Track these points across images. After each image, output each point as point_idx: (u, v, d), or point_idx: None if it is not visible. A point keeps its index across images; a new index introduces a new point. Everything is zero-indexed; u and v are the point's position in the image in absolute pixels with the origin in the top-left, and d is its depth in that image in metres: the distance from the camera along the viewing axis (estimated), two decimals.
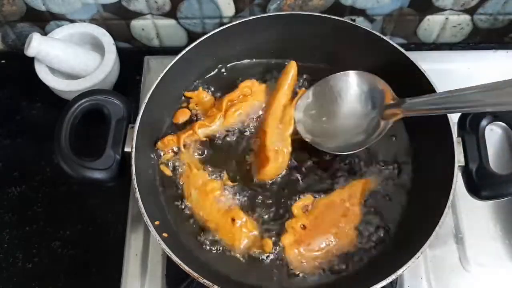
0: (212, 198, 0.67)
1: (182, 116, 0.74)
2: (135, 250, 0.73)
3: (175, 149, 0.71)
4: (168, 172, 0.70)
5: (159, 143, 0.71)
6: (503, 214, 0.75)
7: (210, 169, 0.70)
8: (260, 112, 0.73)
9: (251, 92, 0.74)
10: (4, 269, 0.75)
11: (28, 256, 0.76)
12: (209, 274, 0.59)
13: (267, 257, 0.65)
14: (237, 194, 0.68)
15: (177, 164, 0.70)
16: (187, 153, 0.71)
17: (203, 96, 0.75)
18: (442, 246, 0.73)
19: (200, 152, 0.71)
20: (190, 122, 0.74)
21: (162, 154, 0.71)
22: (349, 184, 0.69)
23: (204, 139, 0.72)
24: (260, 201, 0.68)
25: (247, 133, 0.73)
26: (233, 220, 0.65)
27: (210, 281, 0.57)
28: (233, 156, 0.71)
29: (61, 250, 0.76)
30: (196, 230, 0.66)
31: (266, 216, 0.67)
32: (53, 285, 0.74)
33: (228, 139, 0.72)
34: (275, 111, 0.71)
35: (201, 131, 0.72)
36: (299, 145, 0.71)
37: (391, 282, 0.57)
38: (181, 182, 0.69)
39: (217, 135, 0.72)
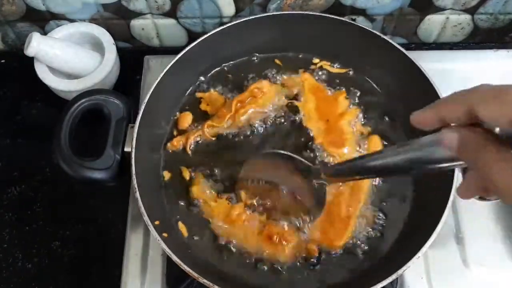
0: (241, 223, 0.66)
1: (186, 120, 0.74)
2: (135, 250, 0.73)
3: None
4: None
5: (168, 144, 0.72)
6: (503, 214, 0.75)
7: (222, 187, 0.69)
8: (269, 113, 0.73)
9: (262, 93, 0.74)
10: (3, 269, 0.75)
11: (28, 256, 0.76)
12: (209, 274, 0.59)
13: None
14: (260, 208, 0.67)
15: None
16: (198, 188, 0.69)
17: (214, 97, 0.75)
18: (443, 246, 0.73)
19: (210, 177, 0.70)
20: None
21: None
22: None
23: (213, 138, 0.72)
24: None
25: (256, 134, 0.72)
26: (269, 237, 0.64)
27: (210, 281, 0.57)
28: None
29: (61, 250, 0.76)
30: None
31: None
32: (53, 285, 0.74)
33: (237, 139, 0.72)
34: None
35: (210, 130, 0.72)
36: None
37: (391, 282, 0.57)
38: (206, 220, 0.67)
39: (225, 134, 0.72)
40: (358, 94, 0.75)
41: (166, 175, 0.71)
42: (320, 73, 0.77)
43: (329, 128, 0.72)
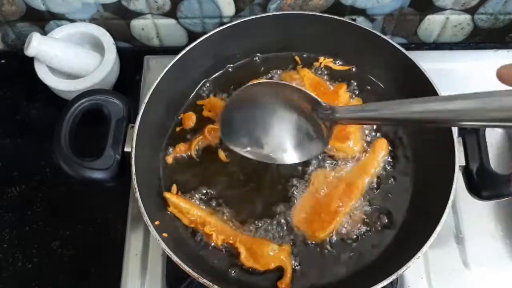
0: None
1: (191, 119, 0.74)
2: (135, 250, 0.73)
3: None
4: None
5: (171, 151, 0.71)
6: (503, 214, 0.75)
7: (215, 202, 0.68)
8: None
9: None
10: (4, 269, 0.75)
11: (28, 256, 0.76)
12: (209, 274, 0.59)
13: None
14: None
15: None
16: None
17: (214, 102, 0.75)
18: (443, 246, 0.73)
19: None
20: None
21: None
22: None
23: (216, 141, 0.71)
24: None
25: None
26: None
27: (210, 281, 0.57)
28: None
29: (61, 250, 0.76)
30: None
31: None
32: (53, 285, 0.74)
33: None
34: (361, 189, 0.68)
35: (212, 134, 0.71)
36: None
37: (391, 282, 0.57)
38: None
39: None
40: (359, 90, 0.75)
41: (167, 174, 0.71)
42: (322, 70, 0.77)
43: None
